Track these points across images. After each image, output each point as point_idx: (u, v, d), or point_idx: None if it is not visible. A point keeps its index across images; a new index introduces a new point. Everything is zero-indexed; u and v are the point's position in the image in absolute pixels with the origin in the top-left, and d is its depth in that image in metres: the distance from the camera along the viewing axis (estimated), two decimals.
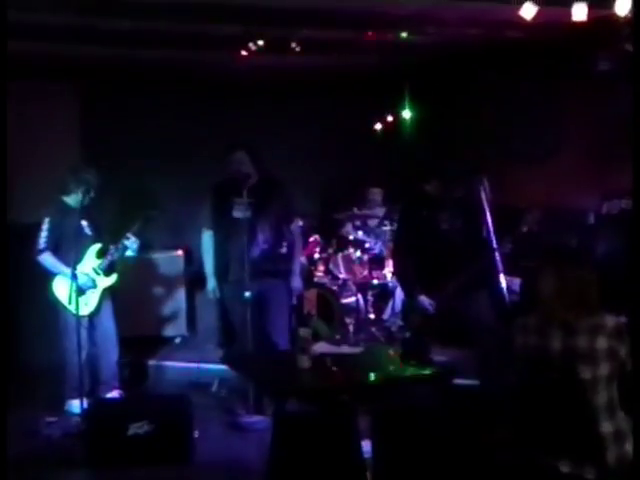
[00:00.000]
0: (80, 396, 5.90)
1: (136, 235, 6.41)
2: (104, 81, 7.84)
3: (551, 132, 7.55)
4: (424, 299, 5.60)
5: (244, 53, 6.49)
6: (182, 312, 8.31)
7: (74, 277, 6.07)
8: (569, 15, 5.16)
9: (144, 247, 6.79)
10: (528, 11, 5.19)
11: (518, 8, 5.23)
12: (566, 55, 6.89)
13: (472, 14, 6.19)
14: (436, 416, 4.49)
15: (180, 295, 8.31)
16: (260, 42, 6.33)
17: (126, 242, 6.39)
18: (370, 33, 6.50)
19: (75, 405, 6.12)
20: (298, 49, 6.48)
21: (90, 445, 5.33)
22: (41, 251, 6.28)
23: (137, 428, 5.31)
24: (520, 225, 5.52)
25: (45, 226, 6.29)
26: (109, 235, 6.54)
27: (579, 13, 5.12)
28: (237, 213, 6.18)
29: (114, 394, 6.43)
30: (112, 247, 6.42)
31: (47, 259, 6.29)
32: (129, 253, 6.50)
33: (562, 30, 5.71)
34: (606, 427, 3.51)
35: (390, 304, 8.03)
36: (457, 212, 5.70)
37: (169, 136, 8.27)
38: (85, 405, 5.78)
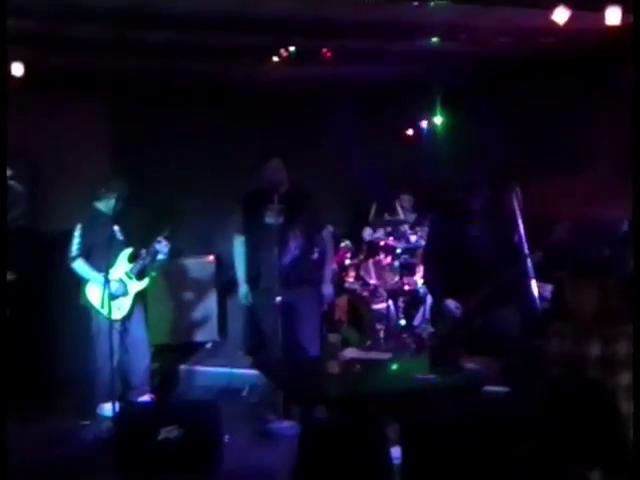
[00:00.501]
0: (112, 400, 5.96)
1: (167, 239, 6.45)
2: (135, 92, 7.90)
3: (584, 144, 7.48)
4: (450, 302, 5.59)
5: (274, 64, 6.50)
6: (213, 318, 8.34)
7: (107, 282, 6.12)
8: (603, 22, 5.11)
9: (175, 252, 6.84)
10: (560, 15, 5.14)
11: (551, 14, 5.19)
12: (600, 66, 6.83)
13: (504, 21, 6.14)
14: (465, 424, 4.46)
15: (211, 301, 8.34)
16: (291, 53, 6.34)
17: (157, 246, 6.44)
18: (402, 42, 6.48)
19: (107, 409, 6.17)
20: (328, 59, 6.48)
21: (120, 449, 5.35)
22: (74, 258, 6.35)
23: (167, 433, 5.32)
24: (552, 235, 5.49)
25: (77, 232, 6.36)
26: (140, 240, 6.59)
27: (612, 17, 5.06)
28: (269, 219, 6.22)
29: (145, 398, 6.47)
30: (144, 251, 6.47)
31: (80, 266, 6.36)
32: (160, 257, 6.55)
33: (596, 40, 5.66)
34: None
35: (421, 311, 8.01)
36: (488, 220, 5.68)
37: (200, 145, 8.30)
38: (116, 409, 5.83)
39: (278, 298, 6.02)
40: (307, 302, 6.32)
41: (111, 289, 6.21)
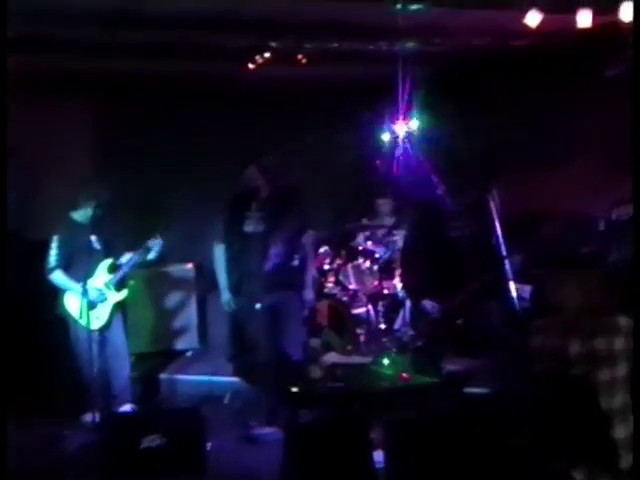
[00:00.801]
0: (93, 410, 5.92)
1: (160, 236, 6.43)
2: (117, 95, 7.88)
3: (562, 139, 7.54)
4: (427, 302, 5.62)
5: (256, 65, 6.52)
6: (193, 325, 8.29)
7: (85, 292, 6.09)
8: (575, 22, 5.17)
9: (159, 258, 6.81)
10: (533, 18, 5.20)
11: (524, 15, 5.24)
12: (576, 61, 6.89)
13: (479, 22, 6.20)
14: (449, 425, 4.48)
15: (191, 308, 8.30)
16: (271, 53, 6.36)
17: (150, 243, 6.40)
18: (378, 43, 6.51)
19: (88, 419, 6.12)
20: (306, 60, 6.51)
21: (103, 458, 5.33)
22: (52, 269, 6.32)
23: (150, 442, 5.30)
24: (531, 234, 5.53)
25: (54, 244, 6.32)
26: (119, 250, 6.55)
27: (584, 20, 5.12)
28: (248, 227, 6.23)
29: (126, 408, 6.43)
30: (129, 255, 6.43)
31: (58, 277, 6.32)
32: (151, 256, 6.51)
33: (570, 36, 5.72)
34: (620, 432, 3.51)
35: (401, 314, 8.01)
36: (467, 220, 5.71)
37: (183, 150, 8.30)
38: (98, 419, 5.79)
39: (258, 305, 6.02)
40: (289, 307, 6.35)
41: (90, 298, 6.18)
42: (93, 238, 6.33)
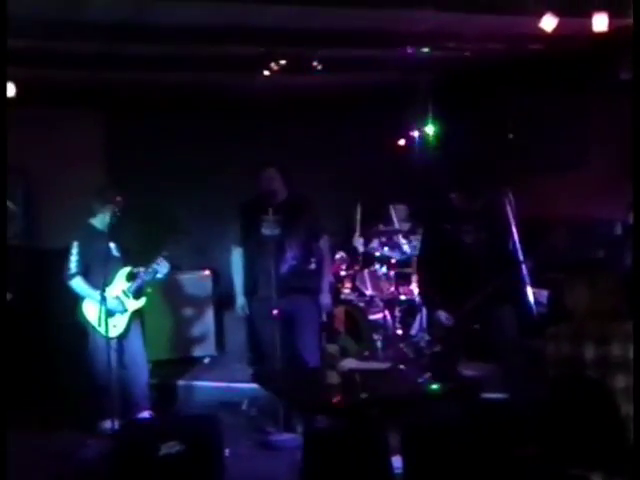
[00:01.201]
0: (112, 417, 5.95)
1: (166, 259, 6.45)
2: (129, 105, 7.93)
3: (577, 144, 7.52)
4: (441, 313, 5.59)
5: (267, 73, 6.53)
6: (210, 332, 8.34)
7: (103, 300, 6.12)
8: (590, 26, 5.15)
9: (173, 270, 6.85)
10: (548, 23, 5.18)
11: (539, 20, 5.23)
12: (590, 66, 6.87)
13: (492, 27, 6.20)
14: (465, 431, 4.47)
15: (208, 315, 8.34)
16: (282, 62, 6.37)
17: (156, 266, 6.44)
18: (391, 50, 6.52)
19: (107, 426, 6.15)
20: (320, 68, 6.52)
21: (121, 466, 5.35)
22: (72, 276, 6.35)
23: (168, 448, 5.32)
24: (546, 238, 5.51)
25: (74, 250, 6.35)
26: (137, 257, 6.58)
27: (599, 24, 5.10)
28: (265, 230, 6.21)
29: (145, 414, 6.46)
30: (142, 270, 6.47)
31: (78, 284, 6.35)
32: (159, 276, 6.55)
33: (584, 41, 5.70)
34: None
35: (418, 319, 8.01)
36: (481, 225, 5.70)
37: (195, 158, 8.34)
38: (116, 426, 5.82)
39: (275, 311, 6.02)
40: (305, 312, 6.35)
41: (108, 306, 6.21)
42: (112, 245, 6.36)
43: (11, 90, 6.09)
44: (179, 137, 8.32)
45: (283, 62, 6.34)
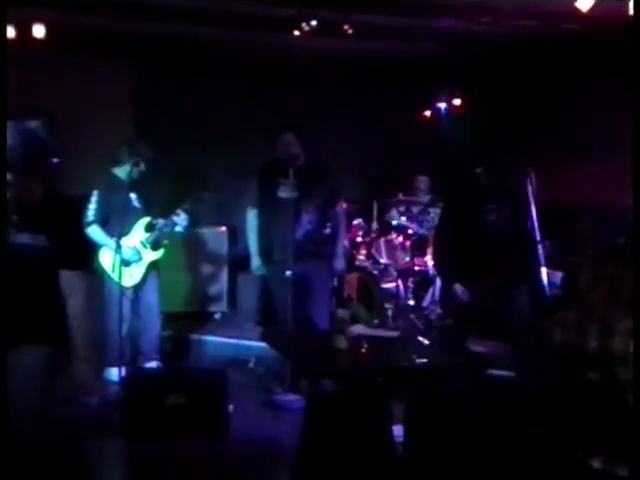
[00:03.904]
0: (119, 365, 6.02)
1: (186, 213, 6.47)
2: (158, 58, 7.92)
3: (605, 129, 7.46)
4: (458, 287, 5.57)
5: (297, 35, 6.49)
6: (224, 289, 8.39)
7: (118, 248, 6.16)
8: (626, 8, 5.10)
9: (193, 224, 6.87)
10: (584, 3, 5.13)
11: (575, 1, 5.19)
12: (623, 50, 6.78)
13: (529, 4, 6.13)
14: (470, 406, 4.50)
15: (223, 272, 8.39)
16: (314, 24, 6.33)
17: (175, 218, 6.46)
18: (424, 20, 6.47)
19: (114, 373, 6.22)
20: (350, 33, 6.48)
21: (127, 413, 5.44)
22: (89, 223, 6.38)
23: (174, 399, 5.39)
24: (566, 221, 5.47)
25: (94, 198, 6.38)
26: (158, 209, 6.61)
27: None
28: (283, 193, 6.22)
29: (152, 364, 6.52)
30: (161, 221, 6.49)
31: (95, 231, 6.39)
32: (177, 229, 6.57)
33: (620, 24, 5.63)
34: None
35: (430, 292, 8.03)
36: (504, 203, 5.66)
37: (219, 115, 8.34)
38: (124, 374, 5.89)
39: (288, 272, 6.05)
40: (319, 275, 6.36)
41: (124, 255, 6.25)
42: (133, 196, 6.39)
43: (40, 32, 6.10)
44: (209, 94, 8.31)
45: (314, 23, 6.30)
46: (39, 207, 5.63)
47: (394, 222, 8.36)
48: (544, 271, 5.84)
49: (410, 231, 8.20)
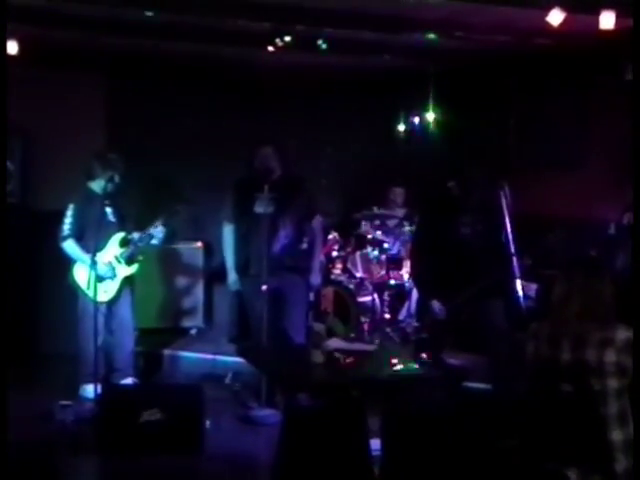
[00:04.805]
0: (94, 381, 5.97)
1: (163, 226, 6.45)
2: (132, 72, 7.90)
3: (577, 142, 7.53)
4: (435, 304, 5.59)
5: (271, 50, 6.51)
6: (199, 304, 8.35)
7: (94, 264, 6.13)
8: (597, 23, 5.16)
9: (169, 238, 6.86)
10: (555, 18, 5.19)
11: (546, 14, 5.23)
12: (594, 64, 6.87)
13: (500, 19, 6.19)
14: (446, 418, 4.51)
15: (198, 287, 8.35)
16: (288, 39, 6.35)
17: (152, 231, 6.44)
18: (397, 34, 6.51)
19: (89, 390, 6.17)
20: (325, 48, 6.51)
21: (102, 430, 5.39)
22: (64, 238, 6.35)
23: (149, 415, 5.35)
24: (541, 235, 5.51)
25: (69, 212, 6.36)
26: (133, 224, 6.58)
27: (606, 22, 5.11)
28: (259, 208, 6.22)
29: (128, 381, 6.48)
30: (137, 235, 6.46)
31: (70, 246, 6.35)
32: (154, 242, 6.55)
33: (590, 39, 5.70)
34: (616, 435, 3.51)
35: (406, 305, 8.04)
36: (478, 216, 5.70)
37: (194, 129, 8.31)
38: (99, 390, 5.84)
39: (264, 287, 6.04)
40: (295, 290, 6.36)
41: (99, 271, 6.22)
42: (108, 210, 6.38)
43: (13, 48, 6.08)
44: (182, 107, 8.29)
45: (288, 39, 6.32)
46: None
47: (369, 236, 8.38)
48: (519, 283, 5.87)
49: (385, 245, 8.21)
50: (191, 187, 8.17)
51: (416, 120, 8.59)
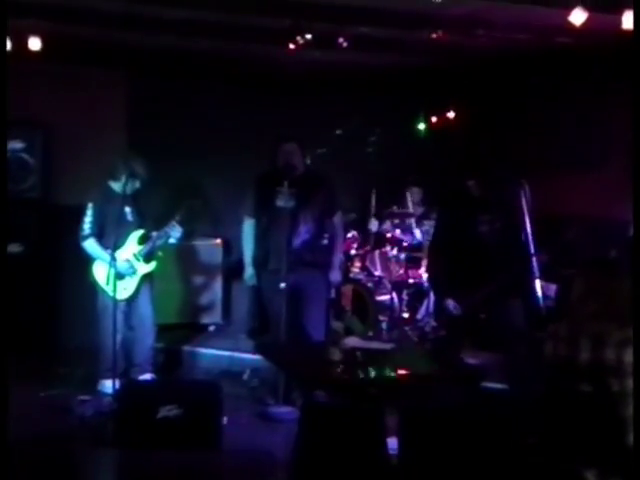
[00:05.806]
0: (113, 377, 6.01)
1: (179, 223, 6.48)
2: (154, 69, 7.92)
3: (597, 142, 7.49)
4: (450, 302, 5.57)
5: (292, 47, 6.51)
6: (218, 300, 8.37)
7: (113, 262, 6.17)
8: (619, 23, 5.12)
9: (186, 235, 6.88)
10: (577, 17, 5.15)
11: (568, 14, 5.20)
12: (615, 64, 6.82)
13: (523, 17, 6.16)
14: (464, 418, 4.49)
15: (217, 284, 8.37)
16: (309, 37, 6.34)
17: (169, 230, 6.47)
18: (418, 32, 6.49)
19: (108, 385, 6.22)
20: (346, 45, 6.50)
21: (120, 425, 5.42)
22: (85, 237, 6.40)
23: (167, 411, 5.38)
24: (560, 234, 5.48)
25: (89, 211, 6.41)
26: (152, 222, 6.62)
27: (629, 21, 5.07)
28: (280, 202, 6.22)
29: (147, 377, 6.52)
30: (154, 233, 6.51)
31: (91, 245, 6.41)
32: (171, 240, 6.59)
33: (613, 38, 5.66)
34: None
35: (424, 304, 8.03)
36: (497, 215, 5.68)
37: (215, 126, 8.33)
38: (117, 386, 5.87)
39: (282, 284, 6.04)
40: (314, 286, 6.36)
41: (118, 269, 6.26)
42: (127, 209, 6.42)
43: (36, 44, 6.12)
44: (202, 104, 8.31)
45: (309, 36, 6.31)
46: None
47: (388, 235, 8.37)
48: (538, 283, 5.85)
49: (404, 243, 8.21)
50: (210, 184, 8.20)
51: (436, 119, 8.57)
